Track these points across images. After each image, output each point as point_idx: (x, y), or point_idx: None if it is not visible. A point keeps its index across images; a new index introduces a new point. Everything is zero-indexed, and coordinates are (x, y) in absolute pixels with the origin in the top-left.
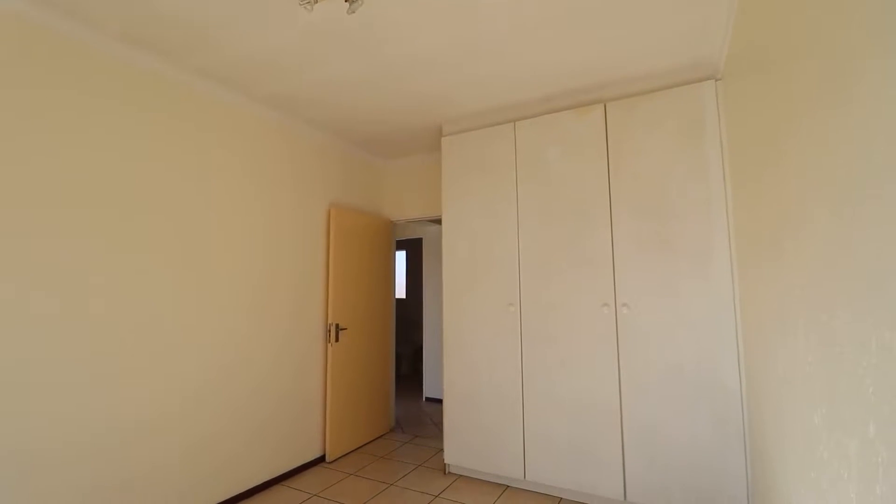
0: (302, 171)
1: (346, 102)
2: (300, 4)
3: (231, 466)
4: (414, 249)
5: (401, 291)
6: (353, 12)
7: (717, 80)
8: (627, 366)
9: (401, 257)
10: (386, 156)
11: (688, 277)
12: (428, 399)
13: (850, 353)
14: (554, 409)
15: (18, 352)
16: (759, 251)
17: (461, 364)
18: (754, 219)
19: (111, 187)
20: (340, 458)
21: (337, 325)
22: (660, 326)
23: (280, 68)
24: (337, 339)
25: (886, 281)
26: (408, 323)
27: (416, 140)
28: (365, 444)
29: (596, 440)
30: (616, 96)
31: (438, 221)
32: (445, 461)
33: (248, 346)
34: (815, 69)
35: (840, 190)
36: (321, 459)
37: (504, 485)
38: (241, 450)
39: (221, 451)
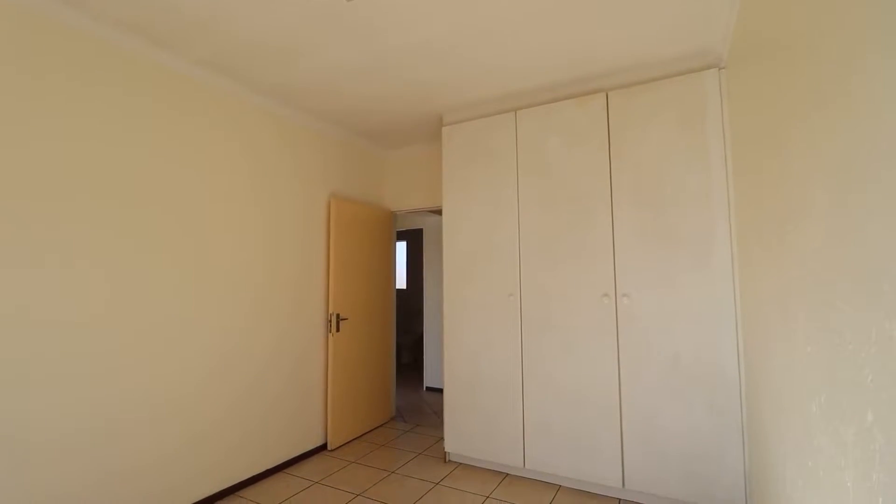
0: (302, 161)
1: (346, 91)
2: None
3: (234, 454)
4: (414, 240)
5: (401, 282)
6: None
7: (720, 69)
8: (627, 355)
9: (401, 248)
10: (386, 146)
11: (688, 267)
12: (428, 388)
13: (850, 342)
14: (554, 398)
15: (21, 346)
16: (760, 240)
17: (461, 354)
18: (756, 208)
19: (110, 178)
20: (342, 446)
21: (338, 316)
22: (660, 316)
23: (279, 56)
24: (338, 329)
25: (888, 270)
26: (408, 313)
27: (417, 129)
28: (366, 433)
29: (595, 429)
30: (618, 85)
31: (439, 212)
32: (446, 449)
33: (249, 337)
34: (819, 59)
35: (842, 179)
36: (323, 447)
37: (504, 472)
38: (243, 438)
39: (224, 439)
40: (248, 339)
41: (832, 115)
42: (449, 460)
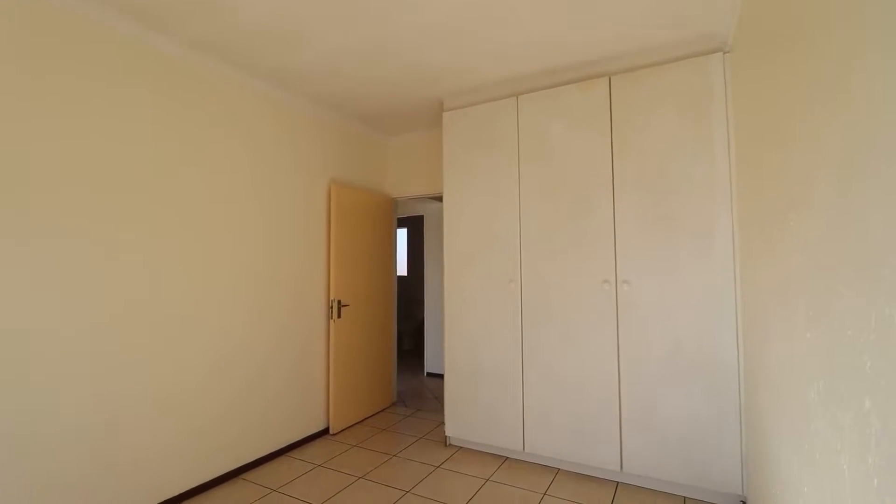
0: (301, 146)
1: (345, 73)
2: None
3: (239, 439)
4: (415, 227)
5: (402, 269)
6: None
7: (725, 53)
8: (627, 342)
9: (402, 235)
10: (386, 131)
11: (690, 255)
12: (429, 374)
13: (850, 328)
14: (553, 383)
15: (31, 346)
16: (762, 227)
17: (462, 340)
18: (758, 195)
19: (109, 171)
20: (344, 430)
21: (339, 302)
22: (660, 303)
23: (279, 38)
24: (339, 316)
25: (889, 257)
26: (409, 300)
27: (418, 115)
28: (367, 418)
29: (594, 414)
30: (621, 69)
31: (440, 199)
32: (446, 434)
33: (253, 325)
34: (821, 56)
35: (846, 167)
36: (325, 432)
37: (503, 456)
38: (248, 423)
39: (228, 426)
40: (251, 328)
41: (834, 110)
42: (449, 444)
